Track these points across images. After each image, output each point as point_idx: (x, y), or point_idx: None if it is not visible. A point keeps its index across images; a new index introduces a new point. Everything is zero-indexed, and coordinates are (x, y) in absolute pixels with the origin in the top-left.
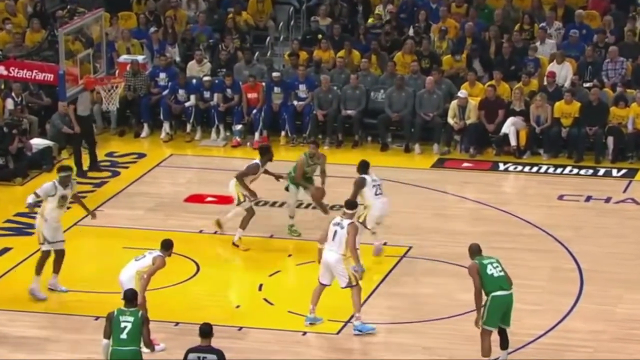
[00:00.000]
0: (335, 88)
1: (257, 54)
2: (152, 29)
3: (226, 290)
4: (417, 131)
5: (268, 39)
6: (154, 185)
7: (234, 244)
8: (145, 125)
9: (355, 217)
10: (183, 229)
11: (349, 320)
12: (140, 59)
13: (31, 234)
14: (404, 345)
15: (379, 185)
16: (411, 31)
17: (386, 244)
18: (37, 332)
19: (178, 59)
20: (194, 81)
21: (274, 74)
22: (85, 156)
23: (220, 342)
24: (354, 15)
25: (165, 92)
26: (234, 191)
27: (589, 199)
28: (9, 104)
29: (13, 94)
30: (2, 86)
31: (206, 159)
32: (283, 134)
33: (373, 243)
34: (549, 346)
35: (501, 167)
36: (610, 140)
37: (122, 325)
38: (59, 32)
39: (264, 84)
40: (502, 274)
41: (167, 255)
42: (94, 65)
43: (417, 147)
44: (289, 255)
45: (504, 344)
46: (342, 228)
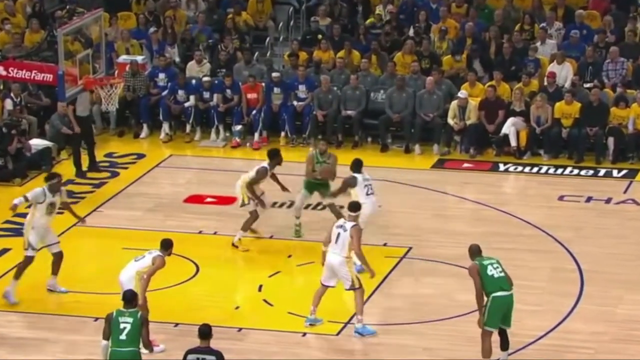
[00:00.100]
0: (335, 88)
1: (256, 54)
2: (152, 29)
3: (226, 291)
4: (417, 132)
5: (268, 39)
6: (154, 185)
7: (234, 244)
8: (145, 126)
9: (356, 219)
10: (182, 229)
11: (348, 322)
12: (139, 59)
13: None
14: (404, 346)
15: (370, 185)
16: (411, 31)
17: (386, 244)
18: (36, 333)
19: (177, 59)
20: (194, 81)
21: (274, 75)
22: (85, 157)
23: (219, 343)
24: (353, 15)
25: (165, 92)
26: (239, 192)
27: (589, 199)
28: (8, 104)
29: (12, 94)
30: (1, 86)
31: (206, 160)
32: (283, 134)
33: None
34: (550, 347)
35: (501, 167)
36: (611, 141)
37: (121, 326)
38: (58, 33)
39: (263, 84)
40: (502, 274)
41: (166, 254)
42: (93, 65)
43: (417, 148)
44: (289, 256)
45: (504, 344)
46: (345, 231)
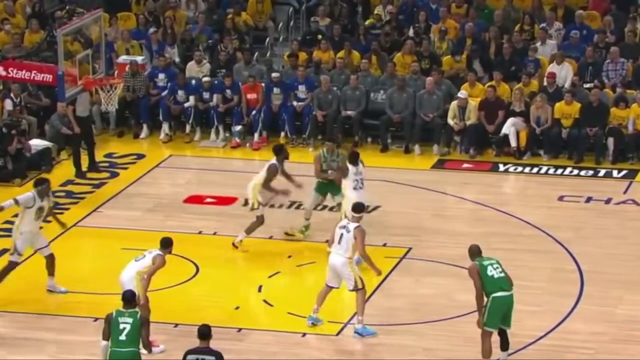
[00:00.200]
0: (335, 89)
1: (256, 54)
2: (151, 30)
3: (225, 291)
4: (417, 132)
5: (267, 39)
6: (153, 186)
7: (234, 244)
8: (145, 126)
9: (359, 220)
10: (182, 229)
11: (348, 322)
12: (139, 59)
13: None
14: (404, 346)
15: (361, 179)
16: (411, 32)
17: (386, 245)
18: (36, 334)
19: (177, 59)
20: (193, 82)
21: (274, 75)
22: (84, 157)
23: (219, 344)
24: (353, 15)
25: (165, 92)
26: (250, 195)
27: (589, 200)
28: (8, 104)
29: (12, 94)
30: (1, 87)
31: (205, 160)
32: (282, 134)
33: None
34: (549, 347)
35: (501, 168)
36: (611, 141)
37: (121, 326)
38: (57, 33)
39: (263, 84)
40: (502, 275)
41: (167, 253)
42: (93, 65)
43: (417, 148)
44: (289, 257)
45: (504, 345)
46: (348, 232)
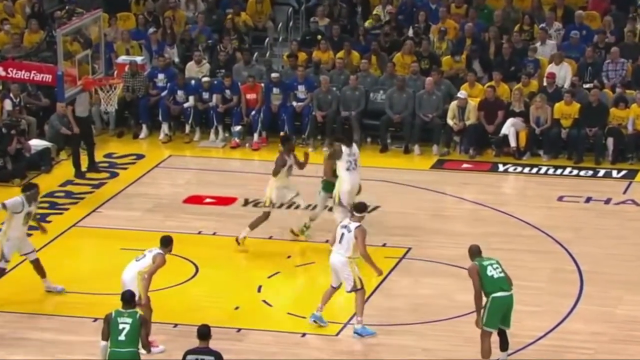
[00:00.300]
0: (334, 89)
1: (256, 54)
2: (151, 30)
3: (225, 291)
4: (416, 132)
5: (267, 39)
6: (153, 186)
7: (237, 240)
8: (144, 126)
9: (360, 220)
10: (182, 230)
11: (348, 322)
12: (138, 59)
13: (29, 235)
14: (403, 346)
15: (354, 160)
16: (411, 32)
17: (385, 245)
18: (35, 334)
19: (177, 59)
20: (193, 82)
21: (273, 75)
22: (84, 157)
23: (219, 344)
24: (353, 16)
25: (164, 93)
26: (266, 192)
27: (588, 200)
28: (7, 104)
29: (11, 94)
30: (1, 87)
31: (205, 160)
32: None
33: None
34: (549, 348)
35: (501, 168)
36: (610, 142)
37: (120, 326)
38: (57, 33)
39: (263, 84)
40: (502, 275)
41: (167, 252)
42: (93, 66)
43: (416, 148)
44: (288, 257)
45: (503, 345)
46: (349, 231)
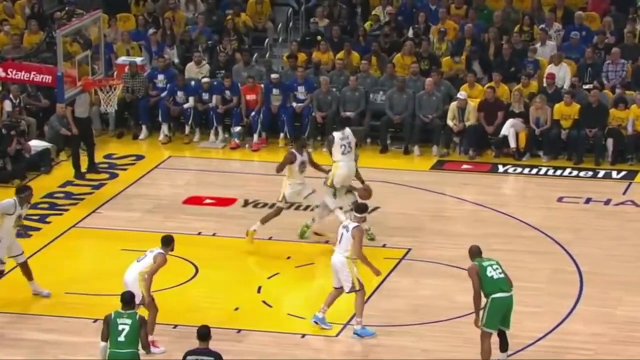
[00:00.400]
0: (334, 90)
1: (255, 55)
2: (151, 31)
3: (225, 292)
4: (416, 133)
5: (267, 40)
6: (153, 187)
7: (247, 232)
8: (144, 127)
9: (360, 221)
10: (181, 230)
11: (347, 323)
12: (138, 60)
13: (29, 236)
14: (403, 347)
15: (348, 144)
16: (410, 33)
17: (385, 245)
18: (35, 335)
19: (176, 60)
20: (193, 83)
21: (273, 76)
22: (84, 158)
23: (218, 345)
24: (353, 16)
25: (164, 93)
26: (282, 188)
27: (588, 201)
28: (7, 105)
29: (11, 95)
30: (0, 88)
31: (205, 161)
32: (282, 135)
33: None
34: (549, 349)
35: (500, 169)
36: (610, 142)
37: (120, 327)
38: (57, 34)
39: (262, 85)
40: (502, 275)
41: (168, 251)
42: (92, 66)
43: (416, 149)
44: (288, 258)
45: (503, 346)
46: (347, 231)
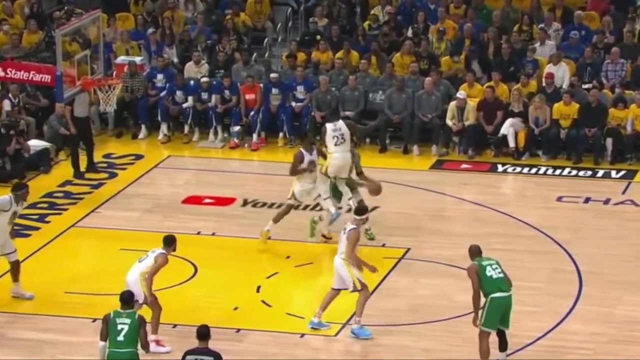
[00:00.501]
0: (333, 89)
1: (255, 55)
2: (150, 30)
3: (224, 292)
4: (415, 132)
5: (266, 40)
6: (152, 186)
7: (262, 233)
8: (143, 127)
9: (360, 223)
10: (181, 230)
11: (347, 322)
12: (137, 60)
13: (28, 235)
14: (402, 347)
15: (341, 135)
16: (410, 32)
17: (384, 245)
18: (34, 334)
19: (176, 60)
20: (192, 82)
21: (272, 75)
22: (83, 157)
23: (218, 344)
24: (352, 16)
25: (163, 93)
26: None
27: (587, 200)
28: (6, 105)
29: (10, 95)
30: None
31: (204, 161)
32: (281, 135)
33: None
34: (548, 348)
35: (500, 168)
36: (609, 142)
37: (119, 327)
38: (56, 33)
39: (262, 85)
40: (501, 275)
41: (170, 251)
42: (92, 66)
43: (415, 149)
44: (287, 257)
45: (502, 345)
46: (344, 233)
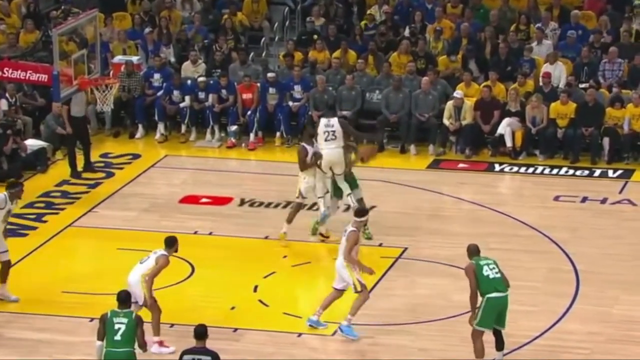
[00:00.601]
0: (330, 89)
1: (252, 54)
2: (147, 30)
3: (221, 291)
4: (412, 132)
5: (263, 39)
6: (149, 186)
7: (280, 236)
8: (140, 126)
9: (360, 225)
10: (178, 230)
11: None
12: (134, 59)
13: (25, 235)
14: (400, 346)
15: (332, 132)
16: (407, 32)
17: (382, 245)
18: (31, 334)
19: (173, 59)
20: (189, 82)
21: (269, 75)
22: (80, 157)
23: (215, 344)
24: (349, 15)
25: (160, 93)
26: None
27: (584, 200)
28: (3, 104)
29: (7, 94)
30: None
31: (201, 160)
32: (278, 134)
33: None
34: (545, 347)
35: (497, 168)
36: (606, 141)
37: (116, 326)
38: (53, 33)
39: (259, 84)
40: (498, 275)
41: (172, 252)
42: (89, 65)
43: (412, 148)
44: (284, 257)
45: (499, 345)
46: (344, 235)
